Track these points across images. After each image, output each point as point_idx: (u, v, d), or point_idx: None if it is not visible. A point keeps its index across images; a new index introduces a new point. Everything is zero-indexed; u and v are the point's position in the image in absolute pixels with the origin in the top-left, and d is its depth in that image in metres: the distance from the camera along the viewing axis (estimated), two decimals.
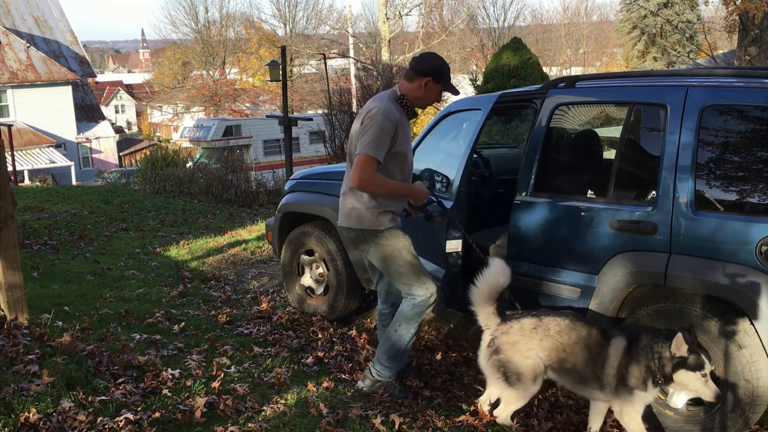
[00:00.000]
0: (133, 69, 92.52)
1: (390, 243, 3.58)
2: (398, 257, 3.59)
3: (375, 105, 3.50)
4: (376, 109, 3.46)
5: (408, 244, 3.62)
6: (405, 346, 3.69)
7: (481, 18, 43.13)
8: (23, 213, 10.26)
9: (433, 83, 3.57)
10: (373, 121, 3.43)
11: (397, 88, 3.63)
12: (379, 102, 3.52)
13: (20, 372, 3.17)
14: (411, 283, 3.61)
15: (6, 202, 3.56)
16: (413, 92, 3.59)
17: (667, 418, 3.42)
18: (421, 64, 3.57)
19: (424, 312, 3.64)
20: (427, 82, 3.56)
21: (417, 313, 3.63)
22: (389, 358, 3.69)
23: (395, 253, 3.59)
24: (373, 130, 3.42)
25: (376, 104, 3.50)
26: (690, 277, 3.28)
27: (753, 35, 14.77)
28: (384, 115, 3.43)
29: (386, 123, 3.42)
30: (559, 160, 4.25)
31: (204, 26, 46.37)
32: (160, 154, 18.24)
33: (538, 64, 12.30)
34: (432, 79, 3.56)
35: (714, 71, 3.67)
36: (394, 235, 3.60)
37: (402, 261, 3.59)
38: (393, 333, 3.67)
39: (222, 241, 8.75)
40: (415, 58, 3.64)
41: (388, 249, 3.58)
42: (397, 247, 3.59)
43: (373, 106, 3.51)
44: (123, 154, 38.77)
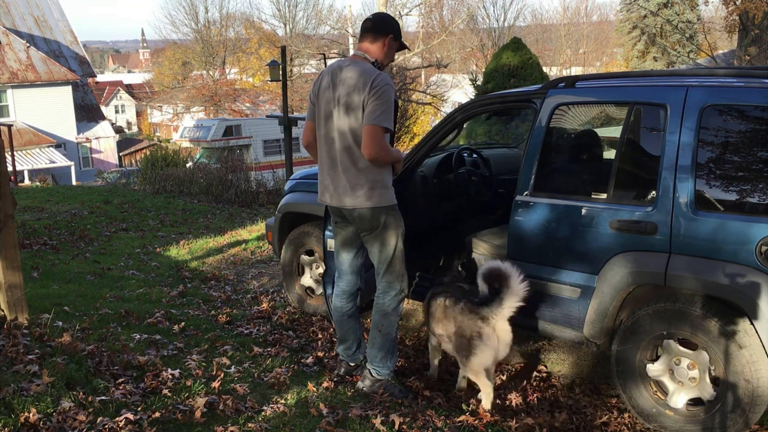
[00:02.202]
0: (133, 69, 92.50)
1: (398, 222, 3.57)
2: (399, 240, 3.57)
3: (373, 75, 3.38)
4: (382, 80, 3.37)
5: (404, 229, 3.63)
6: (394, 339, 3.72)
7: (481, 18, 43.20)
8: (23, 213, 10.26)
9: (392, 41, 3.54)
10: (382, 92, 3.35)
11: (365, 55, 3.51)
12: (373, 73, 3.41)
13: (20, 372, 3.17)
14: (398, 272, 3.61)
15: (6, 202, 3.56)
16: (380, 54, 3.53)
17: (667, 418, 3.42)
18: (382, 23, 3.52)
19: (401, 304, 3.66)
20: (389, 40, 3.53)
21: (396, 306, 3.64)
22: (383, 356, 3.69)
23: (398, 235, 3.56)
24: (383, 101, 3.35)
25: (374, 74, 3.39)
26: (690, 277, 3.28)
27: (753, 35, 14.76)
28: (391, 87, 3.40)
29: (392, 94, 3.40)
30: (559, 160, 4.25)
31: (204, 26, 46.38)
32: (160, 154, 18.24)
33: (538, 64, 12.30)
34: (393, 36, 3.53)
35: (714, 71, 3.67)
36: (400, 215, 3.60)
37: (400, 245, 3.58)
38: (378, 333, 3.67)
39: (222, 241, 8.75)
40: (372, 21, 3.53)
41: (394, 230, 3.53)
42: (401, 229, 3.59)
43: (370, 75, 3.38)
44: (123, 154, 38.77)
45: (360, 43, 3.56)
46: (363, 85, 3.37)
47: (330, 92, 3.49)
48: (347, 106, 3.41)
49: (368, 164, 3.43)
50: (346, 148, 3.46)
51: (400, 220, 3.59)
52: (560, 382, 4.17)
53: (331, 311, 4.34)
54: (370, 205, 3.46)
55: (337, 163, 3.50)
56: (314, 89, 3.60)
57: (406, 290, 3.67)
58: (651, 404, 3.48)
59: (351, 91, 3.40)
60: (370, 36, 3.51)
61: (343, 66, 3.49)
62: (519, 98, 4.37)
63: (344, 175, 3.48)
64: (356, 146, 3.43)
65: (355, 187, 3.46)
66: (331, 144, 3.51)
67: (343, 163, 3.48)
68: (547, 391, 4.03)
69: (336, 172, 3.52)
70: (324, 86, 3.53)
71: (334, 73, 3.50)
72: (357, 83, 3.38)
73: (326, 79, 3.52)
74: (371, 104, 3.35)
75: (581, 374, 4.25)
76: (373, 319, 3.70)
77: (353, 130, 3.42)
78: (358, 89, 3.38)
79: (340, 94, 3.44)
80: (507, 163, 5.14)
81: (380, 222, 3.50)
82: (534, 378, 4.20)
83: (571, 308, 3.75)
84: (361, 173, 3.45)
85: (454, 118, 4.40)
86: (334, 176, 3.54)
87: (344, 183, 3.49)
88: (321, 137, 3.57)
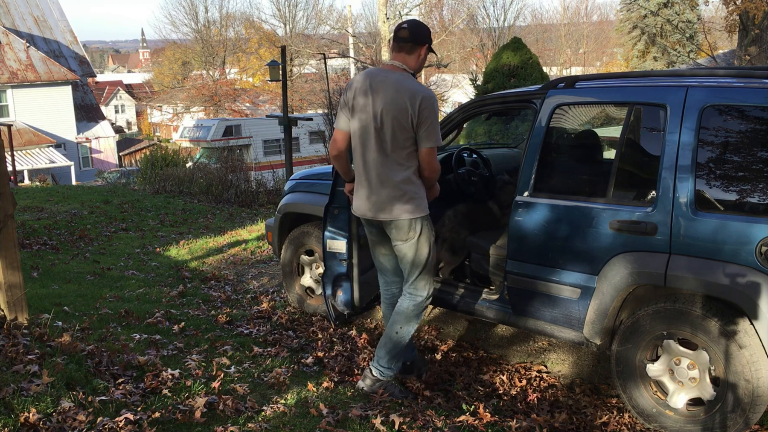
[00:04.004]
0: (133, 69, 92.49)
1: (431, 231, 3.59)
2: (431, 248, 3.59)
3: (421, 91, 3.35)
4: (429, 96, 3.35)
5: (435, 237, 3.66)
6: (406, 345, 3.72)
7: (481, 18, 43.15)
8: (23, 213, 10.25)
9: (427, 50, 3.49)
10: (433, 110, 3.34)
11: (404, 66, 3.44)
12: (420, 86, 3.39)
13: (20, 372, 3.17)
14: (427, 279, 3.62)
15: (6, 202, 3.56)
16: (416, 64, 3.47)
17: (667, 418, 3.42)
18: (419, 33, 3.42)
19: (423, 311, 3.68)
20: (425, 50, 3.47)
21: (419, 312, 3.65)
22: (390, 359, 3.68)
23: (431, 243, 3.59)
24: (435, 118, 3.36)
25: (421, 90, 3.36)
26: (690, 277, 3.28)
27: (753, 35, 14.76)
28: (436, 100, 3.39)
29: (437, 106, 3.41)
30: (559, 160, 4.25)
31: (204, 26, 46.38)
32: (160, 154, 18.25)
33: (538, 63, 12.28)
34: (428, 45, 3.48)
35: (714, 71, 3.67)
36: (431, 224, 3.62)
37: (432, 253, 3.60)
38: (394, 334, 3.66)
39: (222, 241, 8.75)
40: (410, 30, 3.41)
41: (427, 238, 3.55)
42: (433, 237, 3.62)
43: (418, 91, 3.34)
44: (123, 154, 38.78)
45: (396, 52, 3.44)
46: (411, 102, 3.31)
47: (370, 105, 3.39)
48: (393, 121, 3.35)
49: (407, 177, 3.43)
50: (386, 162, 3.43)
51: (432, 228, 3.62)
52: (560, 382, 4.17)
53: (331, 312, 4.35)
54: (408, 216, 3.45)
55: (377, 176, 3.46)
56: (347, 98, 3.50)
57: (430, 299, 3.68)
58: (651, 404, 3.48)
59: (396, 108, 3.33)
60: (408, 46, 3.41)
61: (384, 77, 3.39)
62: (519, 98, 4.37)
63: (384, 189, 3.45)
64: (397, 160, 3.42)
65: (393, 200, 3.45)
66: (370, 157, 3.45)
67: (382, 175, 3.44)
68: (547, 391, 4.03)
69: (375, 186, 3.47)
70: (361, 97, 3.42)
71: (372, 83, 3.39)
72: (402, 101, 3.32)
73: (363, 90, 3.41)
74: (426, 124, 3.34)
75: (581, 374, 4.25)
76: (393, 319, 3.67)
77: (396, 145, 3.39)
78: (404, 107, 3.32)
79: (383, 108, 3.35)
80: (507, 163, 5.14)
81: (417, 231, 3.50)
82: (534, 378, 4.20)
83: (571, 308, 3.75)
84: (399, 186, 3.43)
85: (454, 118, 4.40)
86: (371, 189, 3.49)
87: (384, 196, 3.45)
88: (358, 151, 3.50)
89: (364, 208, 3.55)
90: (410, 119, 3.32)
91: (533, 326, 3.98)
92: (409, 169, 3.44)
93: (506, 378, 4.15)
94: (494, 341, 4.73)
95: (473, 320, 4.84)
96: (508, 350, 4.62)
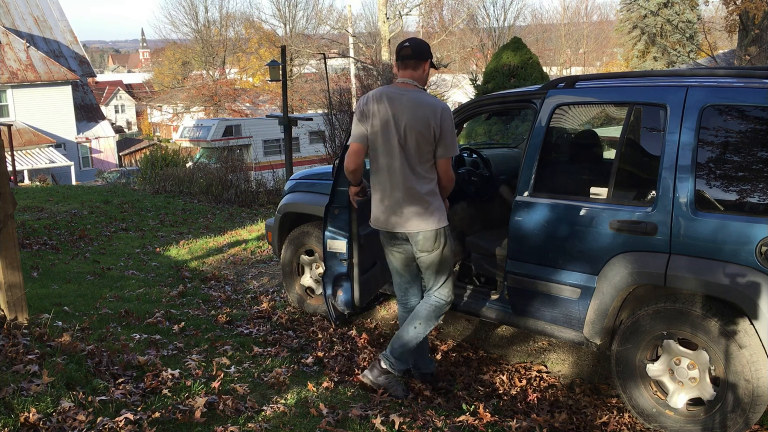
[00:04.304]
0: (133, 69, 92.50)
1: (451, 239, 3.70)
2: (452, 256, 3.75)
3: (439, 105, 3.51)
4: (447, 108, 3.53)
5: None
6: (422, 342, 3.82)
7: (481, 18, 43.14)
8: (23, 213, 10.26)
9: (429, 64, 3.62)
10: (451, 121, 3.52)
11: (415, 82, 3.55)
12: (436, 100, 3.57)
13: (20, 372, 3.17)
14: (450, 285, 3.74)
15: (6, 202, 3.56)
16: (422, 79, 3.60)
17: (667, 418, 3.42)
18: (421, 50, 3.55)
19: (444, 314, 3.77)
20: (428, 65, 3.60)
21: (440, 314, 3.76)
22: (403, 352, 3.73)
23: (452, 250, 3.73)
24: (452, 130, 3.53)
25: (439, 104, 3.52)
26: (690, 277, 3.28)
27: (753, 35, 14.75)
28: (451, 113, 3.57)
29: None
30: (559, 160, 4.25)
31: (204, 26, 46.38)
32: (160, 154, 18.26)
33: (538, 63, 12.29)
34: (430, 60, 3.61)
35: (714, 71, 3.67)
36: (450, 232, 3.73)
37: (451, 259, 3.74)
38: (413, 329, 3.72)
39: (222, 241, 8.75)
40: (412, 48, 3.54)
41: (449, 247, 3.66)
42: (452, 244, 3.72)
43: (437, 105, 3.50)
44: (123, 154, 38.78)
45: (403, 70, 3.56)
46: (433, 115, 3.44)
47: (392, 122, 3.47)
48: (418, 135, 3.46)
49: (431, 189, 3.53)
50: (412, 176, 3.50)
51: (451, 236, 3.71)
52: (560, 382, 4.17)
53: (332, 312, 4.36)
54: (434, 227, 3.55)
55: (405, 190, 3.52)
56: (363, 114, 3.54)
57: (450, 303, 3.77)
58: (651, 404, 3.48)
59: (419, 123, 3.44)
60: (413, 62, 3.53)
61: (401, 94, 3.50)
62: (519, 98, 4.37)
63: (411, 202, 3.52)
64: (421, 173, 3.51)
65: (421, 212, 3.53)
66: (396, 172, 3.52)
67: (410, 190, 3.51)
68: (547, 391, 4.03)
69: (402, 199, 3.53)
70: (381, 114, 3.49)
71: (391, 101, 3.49)
72: (425, 115, 3.44)
73: (383, 107, 3.49)
74: (446, 136, 3.48)
75: (581, 374, 4.25)
76: (413, 316, 3.73)
77: (420, 158, 3.50)
78: (426, 121, 3.44)
79: (406, 124, 3.45)
80: (507, 163, 5.14)
81: (442, 242, 3.60)
82: (534, 378, 4.20)
83: (571, 308, 3.75)
84: (425, 198, 3.52)
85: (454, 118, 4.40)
86: (395, 202, 3.55)
87: (412, 209, 3.53)
88: (381, 165, 3.56)
89: (390, 221, 3.60)
90: (433, 132, 3.45)
91: (533, 326, 3.98)
92: (432, 181, 3.56)
93: (506, 378, 4.15)
94: (494, 341, 4.73)
95: (473, 320, 4.84)
96: (508, 350, 4.62)
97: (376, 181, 3.62)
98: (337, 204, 4.11)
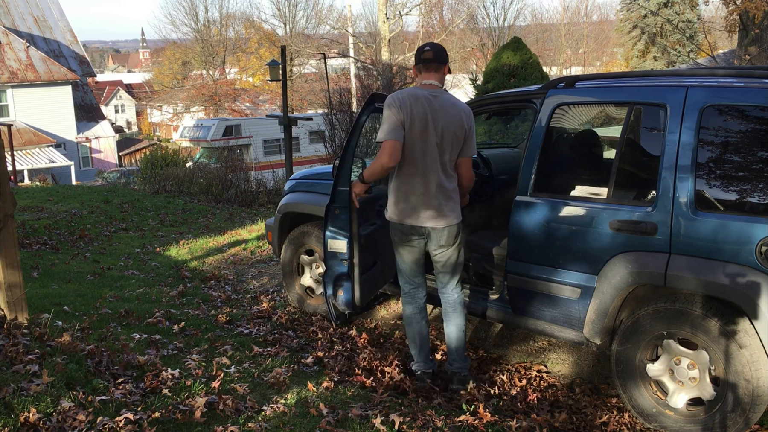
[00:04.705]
0: (133, 69, 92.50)
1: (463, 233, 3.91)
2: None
3: (466, 107, 3.73)
4: (471, 113, 3.73)
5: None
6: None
7: (481, 18, 43.12)
8: (23, 213, 10.26)
9: (447, 68, 3.77)
10: (473, 124, 3.74)
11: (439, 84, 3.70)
12: (466, 107, 3.74)
13: (20, 372, 3.17)
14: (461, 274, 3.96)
15: (6, 202, 3.56)
16: (443, 82, 3.77)
17: (667, 417, 3.42)
18: (441, 54, 3.69)
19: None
20: (446, 68, 3.75)
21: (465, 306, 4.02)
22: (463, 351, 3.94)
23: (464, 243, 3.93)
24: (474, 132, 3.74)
25: (465, 106, 3.73)
26: (690, 277, 3.28)
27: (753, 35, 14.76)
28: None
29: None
30: (559, 160, 4.25)
31: (204, 26, 46.38)
32: (160, 154, 18.25)
33: (538, 63, 12.28)
34: (447, 64, 3.76)
35: (714, 71, 3.67)
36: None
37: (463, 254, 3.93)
38: (462, 333, 3.93)
39: (222, 240, 8.75)
40: (433, 51, 3.67)
41: (463, 240, 3.89)
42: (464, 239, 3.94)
43: (465, 107, 3.72)
44: (123, 154, 38.78)
45: (426, 72, 3.68)
46: (465, 119, 3.67)
47: (431, 122, 3.60)
48: (452, 136, 3.64)
49: (455, 186, 3.75)
50: (443, 174, 3.68)
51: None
52: (560, 382, 4.17)
53: (332, 312, 4.36)
54: (456, 222, 3.76)
55: (437, 187, 3.67)
56: (403, 113, 3.59)
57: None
58: (651, 404, 3.48)
59: (454, 124, 3.63)
60: (435, 65, 3.67)
61: (434, 95, 3.63)
62: (519, 98, 4.37)
63: (443, 198, 3.69)
64: (449, 171, 3.71)
65: (450, 208, 3.72)
66: (431, 170, 3.65)
67: (442, 186, 3.68)
68: (547, 391, 4.03)
69: (435, 196, 3.68)
70: (420, 114, 3.60)
71: (428, 101, 3.61)
72: (459, 117, 3.65)
73: (420, 107, 3.59)
74: (471, 137, 3.71)
75: (581, 374, 4.25)
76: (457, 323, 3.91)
77: (451, 157, 3.70)
78: (460, 123, 3.65)
79: (444, 125, 3.62)
80: (507, 163, 5.14)
81: (461, 236, 3.83)
82: (534, 378, 4.20)
83: (571, 308, 3.75)
84: (452, 195, 3.74)
85: None
86: (427, 199, 3.68)
87: (443, 205, 3.69)
88: (415, 163, 3.65)
89: (421, 216, 3.71)
90: (464, 133, 3.68)
91: (533, 326, 3.99)
92: (455, 179, 3.77)
93: (506, 378, 4.15)
94: (494, 341, 4.73)
95: (473, 320, 4.84)
96: (508, 350, 4.62)
97: (403, 177, 3.70)
98: (338, 204, 4.11)
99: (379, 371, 4.04)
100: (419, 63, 3.69)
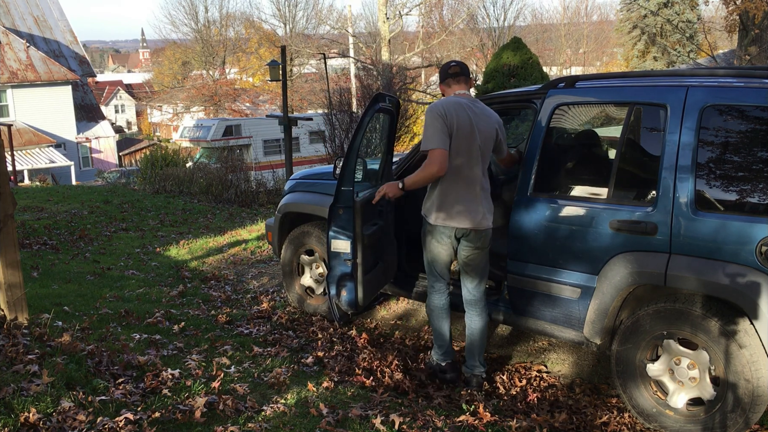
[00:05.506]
0: (133, 69, 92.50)
1: None
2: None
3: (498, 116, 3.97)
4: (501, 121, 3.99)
5: None
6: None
7: (481, 18, 43.08)
8: (23, 213, 10.26)
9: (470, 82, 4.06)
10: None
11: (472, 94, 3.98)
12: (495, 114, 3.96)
13: (20, 372, 3.17)
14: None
15: (6, 202, 3.56)
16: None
17: (667, 417, 3.42)
18: (467, 68, 3.99)
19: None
20: (471, 81, 4.05)
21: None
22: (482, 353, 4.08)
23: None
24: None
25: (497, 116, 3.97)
26: (690, 277, 3.28)
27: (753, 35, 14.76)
28: None
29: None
30: (559, 160, 4.25)
31: (204, 26, 46.39)
32: (160, 154, 18.24)
33: (538, 63, 12.29)
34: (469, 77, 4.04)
35: (714, 71, 3.67)
36: None
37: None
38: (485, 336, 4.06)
39: (222, 241, 8.75)
40: (459, 66, 3.95)
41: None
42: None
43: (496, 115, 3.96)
44: (123, 154, 38.79)
45: (456, 84, 3.93)
46: (498, 125, 3.94)
47: (474, 129, 3.78)
48: (490, 141, 3.88)
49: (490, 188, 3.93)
50: (483, 179, 3.86)
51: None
52: (560, 382, 4.17)
53: (335, 312, 4.36)
54: (492, 225, 3.93)
55: (481, 190, 3.85)
56: (449, 120, 3.73)
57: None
58: (651, 404, 3.48)
59: (491, 129, 3.88)
60: (463, 78, 3.94)
61: (472, 104, 3.85)
62: (519, 98, 4.37)
63: (485, 203, 3.87)
64: (486, 176, 3.90)
65: (489, 211, 3.90)
66: (475, 174, 3.82)
67: (484, 190, 3.87)
68: (547, 391, 4.03)
69: (480, 199, 3.85)
70: (465, 122, 3.75)
71: (470, 111, 3.80)
72: (494, 123, 3.91)
73: (464, 116, 3.76)
74: (502, 142, 4.00)
75: (581, 374, 4.25)
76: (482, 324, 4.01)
77: (487, 161, 3.91)
78: (495, 128, 3.91)
79: (484, 131, 3.83)
80: None
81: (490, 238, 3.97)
82: (534, 378, 4.20)
83: (571, 308, 3.75)
84: (489, 197, 3.93)
85: None
86: (472, 202, 3.83)
87: (484, 208, 3.86)
88: (461, 168, 3.79)
89: (464, 220, 3.82)
90: (498, 139, 3.94)
91: (533, 326, 3.99)
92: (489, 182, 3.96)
93: (506, 378, 4.16)
94: (494, 341, 4.73)
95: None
96: (508, 350, 4.62)
97: (449, 182, 3.80)
98: (341, 204, 4.11)
99: (379, 371, 4.04)
100: (448, 77, 3.92)
